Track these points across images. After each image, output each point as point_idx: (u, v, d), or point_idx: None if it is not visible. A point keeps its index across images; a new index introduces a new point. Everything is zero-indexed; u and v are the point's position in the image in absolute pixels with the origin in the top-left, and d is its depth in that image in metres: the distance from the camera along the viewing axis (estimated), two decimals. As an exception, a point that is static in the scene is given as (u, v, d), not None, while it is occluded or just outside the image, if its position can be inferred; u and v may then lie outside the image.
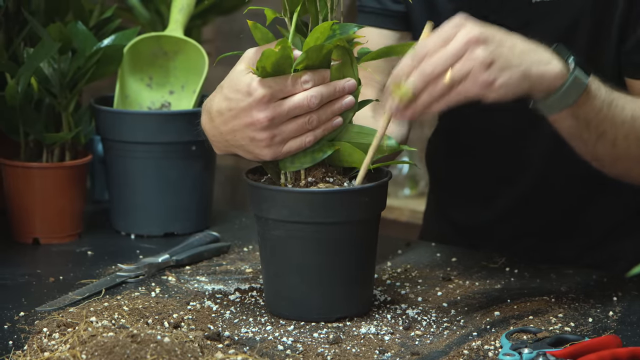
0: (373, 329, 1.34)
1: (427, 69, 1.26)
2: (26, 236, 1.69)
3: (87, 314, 1.34)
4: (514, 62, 1.27)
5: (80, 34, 1.67)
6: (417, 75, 1.26)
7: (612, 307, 1.43)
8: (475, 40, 1.25)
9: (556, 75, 1.30)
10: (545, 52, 1.31)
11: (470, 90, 1.26)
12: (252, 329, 1.34)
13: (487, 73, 1.25)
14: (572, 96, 1.32)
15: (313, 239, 1.34)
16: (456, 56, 1.25)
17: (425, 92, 1.26)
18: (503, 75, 1.26)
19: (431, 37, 1.27)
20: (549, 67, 1.30)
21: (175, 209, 1.73)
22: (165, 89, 1.80)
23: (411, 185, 2.86)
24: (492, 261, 1.60)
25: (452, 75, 1.25)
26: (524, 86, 1.29)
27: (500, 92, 1.27)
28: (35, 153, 1.70)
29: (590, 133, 1.37)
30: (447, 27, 1.27)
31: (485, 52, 1.25)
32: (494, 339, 1.31)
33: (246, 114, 1.32)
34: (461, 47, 1.25)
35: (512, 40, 1.29)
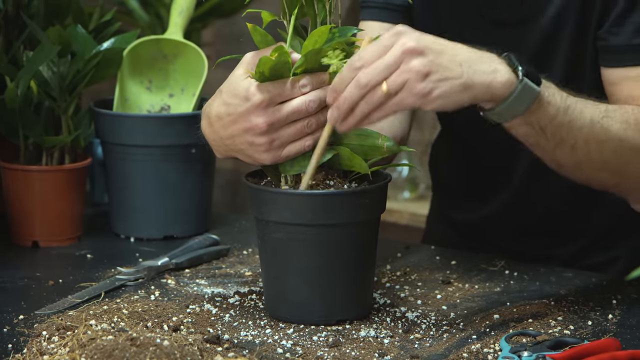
0: (372, 332, 1.34)
1: (362, 80, 1.25)
2: (25, 239, 1.69)
3: (87, 317, 1.34)
4: (454, 73, 1.25)
5: (80, 37, 1.67)
6: (353, 86, 1.26)
7: (611, 310, 1.43)
8: (411, 51, 1.24)
9: (503, 85, 1.28)
10: (492, 61, 1.29)
11: (406, 100, 1.25)
12: (252, 332, 1.34)
13: (423, 84, 1.24)
14: (521, 105, 1.30)
15: (313, 242, 1.34)
16: (392, 67, 1.24)
17: (363, 101, 1.26)
18: (440, 86, 1.25)
19: (368, 47, 1.27)
20: (495, 76, 1.27)
21: (174, 212, 1.73)
22: (165, 92, 1.80)
23: (411, 188, 2.86)
24: (491, 264, 1.60)
25: (388, 85, 1.24)
26: (466, 96, 1.27)
27: (438, 102, 1.25)
28: (34, 156, 1.70)
29: (548, 140, 1.35)
30: (385, 37, 1.26)
31: (421, 63, 1.24)
32: (493, 342, 1.31)
33: (244, 118, 1.32)
34: (397, 57, 1.24)
35: (453, 50, 1.27)
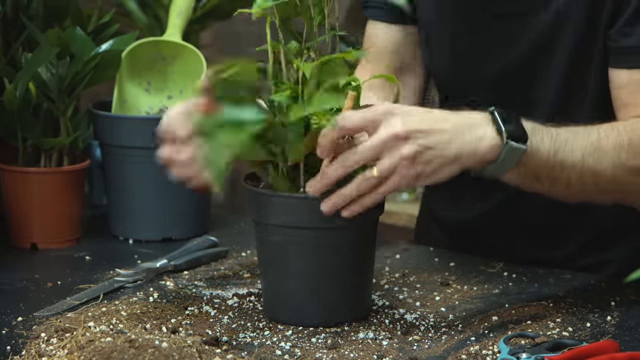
0: (371, 334, 1.34)
1: (349, 162, 1.26)
2: (24, 241, 1.69)
3: (85, 319, 1.34)
4: (442, 151, 1.27)
5: (79, 39, 1.67)
6: (339, 167, 1.27)
7: (610, 312, 1.43)
8: (399, 136, 1.25)
9: (490, 148, 1.29)
10: (479, 127, 1.30)
11: (399, 183, 1.27)
12: (250, 334, 1.34)
13: (412, 168, 1.26)
14: (510, 163, 1.31)
15: (311, 244, 1.34)
16: (378, 151, 1.25)
17: (354, 187, 1.27)
18: (430, 166, 1.27)
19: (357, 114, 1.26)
20: (482, 142, 1.29)
21: (173, 213, 1.73)
22: (164, 94, 1.80)
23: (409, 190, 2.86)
24: (490, 266, 1.60)
25: (379, 170, 1.26)
26: (455, 167, 1.29)
27: (430, 179, 1.28)
28: (33, 158, 1.70)
29: (542, 183, 1.36)
30: (370, 113, 1.26)
31: (410, 148, 1.25)
32: (492, 344, 1.31)
33: None
34: (384, 143, 1.25)
35: (441, 125, 1.28)
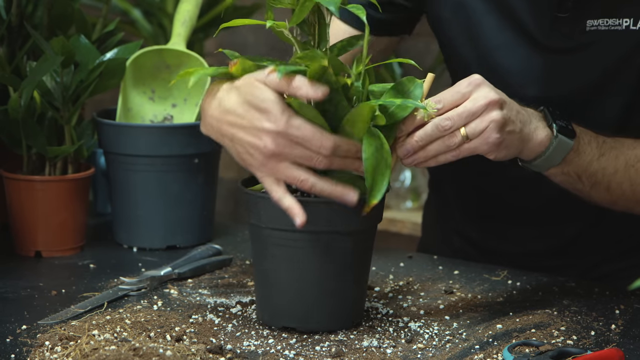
0: (375, 342, 1.34)
1: (445, 124, 1.32)
2: (28, 249, 1.69)
3: (89, 327, 1.34)
4: (517, 127, 1.35)
5: (83, 48, 1.67)
6: (433, 127, 1.32)
7: (614, 320, 1.43)
8: (494, 102, 1.32)
9: (541, 141, 1.38)
10: (535, 118, 1.39)
11: (480, 147, 1.33)
12: (254, 342, 1.34)
13: (499, 134, 1.33)
14: (556, 158, 1.40)
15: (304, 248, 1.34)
16: (474, 115, 1.32)
17: (440, 142, 1.32)
18: (509, 137, 1.34)
19: (448, 92, 1.33)
20: (537, 132, 1.38)
21: (177, 222, 1.73)
22: (168, 102, 1.81)
23: (413, 198, 2.86)
24: (494, 274, 1.60)
25: (467, 131, 1.32)
26: (518, 150, 1.38)
27: (502, 152, 1.35)
28: (37, 166, 1.70)
29: (583, 184, 1.45)
30: (464, 84, 1.33)
31: (500, 115, 1.33)
32: (496, 352, 1.31)
33: (256, 134, 1.30)
34: (480, 107, 1.32)
35: (517, 106, 1.37)
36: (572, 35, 1.50)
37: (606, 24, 1.49)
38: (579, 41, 1.50)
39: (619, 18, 1.49)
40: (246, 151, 1.33)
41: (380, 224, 1.41)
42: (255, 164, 1.32)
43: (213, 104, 1.36)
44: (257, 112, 1.31)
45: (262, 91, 1.31)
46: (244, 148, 1.33)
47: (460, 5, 1.55)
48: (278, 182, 1.32)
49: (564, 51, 1.51)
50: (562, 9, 1.50)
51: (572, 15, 1.49)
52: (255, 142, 1.31)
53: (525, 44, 1.53)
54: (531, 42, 1.52)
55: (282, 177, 1.32)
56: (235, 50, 1.39)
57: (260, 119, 1.31)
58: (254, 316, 1.42)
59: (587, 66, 1.51)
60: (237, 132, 1.33)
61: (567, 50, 1.51)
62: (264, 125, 1.30)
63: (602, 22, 1.49)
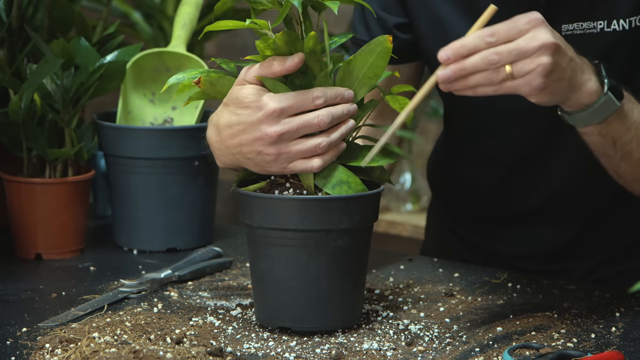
0: (375, 344, 1.34)
1: (494, 57, 1.26)
2: (29, 252, 1.69)
3: (90, 330, 1.34)
4: (567, 76, 1.30)
5: (83, 50, 1.68)
6: (481, 59, 1.27)
7: (614, 323, 1.42)
8: (548, 46, 1.27)
9: (590, 94, 1.33)
10: (588, 70, 1.34)
11: (522, 88, 1.28)
12: (255, 344, 1.34)
13: (543, 79, 1.27)
14: (600, 115, 1.35)
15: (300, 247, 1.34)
16: (525, 55, 1.26)
17: (483, 74, 1.27)
18: (554, 85, 1.29)
19: (504, 25, 1.28)
20: (587, 84, 1.33)
21: (177, 224, 1.73)
22: (168, 105, 1.81)
23: (413, 201, 2.86)
24: (494, 277, 1.60)
25: (514, 69, 1.27)
26: (564, 98, 1.32)
27: (545, 97, 1.30)
28: (38, 169, 1.70)
29: (616, 151, 1.40)
30: (522, 21, 1.27)
31: (550, 61, 1.27)
32: (496, 355, 1.31)
33: (255, 128, 1.32)
34: (534, 47, 1.26)
35: (571, 53, 1.31)
36: None
37: (581, 28, 1.49)
38: None
39: (593, 21, 1.49)
40: (256, 152, 1.33)
41: (380, 227, 1.41)
42: (270, 159, 1.33)
43: (213, 133, 1.39)
44: (245, 110, 1.33)
45: (241, 90, 1.33)
46: (254, 150, 1.33)
47: (437, 20, 1.55)
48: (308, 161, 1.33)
49: None
50: None
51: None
52: (258, 136, 1.32)
53: None
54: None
55: (301, 154, 1.32)
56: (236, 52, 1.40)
57: (251, 113, 1.32)
58: (254, 319, 1.42)
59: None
60: (240, 137, 1.34)
61: None
62: (256, 117, 1.32)
63: (577, 26, 1.49)
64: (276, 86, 1.33)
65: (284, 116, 1.32)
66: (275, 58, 1.32)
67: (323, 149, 1.33)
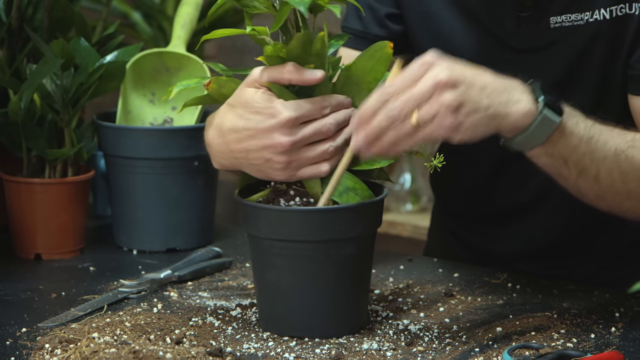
0: (375, 344, 1.34)
1: (393, 112, 1.25)
2: (28, 252, 1.69)
3: (89, 330, 1.34)
4: (482, 105, 1.25)
5: (83, 50, 1.68)
6: (383, 116, 1.25)
7: (614, 323, 1.42)
8: (444, 84, 1.23)
9: (524, 115, 1.28)
10: (516, 91, 1.28)
11: (436, 132, 1.25)
12: (254, 344, 1.34)
13: (453, 117, 1.24)
14: (541, 135, 1.29)
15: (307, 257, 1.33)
16: (423, 98, 1.24)
17: (392, 131, 1.25)
18: (470, 118, 1.25)
19: (399, 77, 1.26)
20: (517, 106, 1.27)
21: (177, 224, 1.73)
22: (168, 105, 1.81)
23: (413, 201, 2.86)
24: (494, 277, 1.60)
25: (419, 118, 1.24)
26: (491, 127, 1.27)
27: (466, 134, 1.25)
28: (37, 169, 1.70)
29: (570, 170, 1.34)
30: (415, 66, 1.26)
31: (453, 96, 1.23)
32: (496, 355, 1.31)
33: (266, 135, 1.31)
34: (428, 89, 1.24)
35: (483, 80, 1.27)
36: (537, 34, 1.50)
37: (569, 20, 1.48)
38: (545, 39, 1.50)
39: (581, 12, 1.48)
40: (264, 159, 1.32)
41: (380, 227, 1.41)
42: (279, 167, 1.32)
43: (214, 134, 1.37)
44: (257, 115, 1.31)
45: (251, 94, 1.32)
46: (262, 157, 1.32)
47: (426, 14, 1.55)
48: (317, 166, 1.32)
49: (531, 50, 1.51)
50: (523, 8, 1.48)
51: (534, 14, 1.49)
52: (269, 143, 1.31)
53: (492, 46, 1.52)
54: (499, 43, 1.52)
55: (310, 161, 1.32)
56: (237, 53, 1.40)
57: (262, 120, 1.31)
58: (254, 319, 1.42)
59: (554, 64, 1.51)
60: (249, 143, 1.33)
61: (534, 49, 1.51)
62: (269, 124, 1.31)
63: (566, 18, 1.48)
64: (283, 93, 1.32)
65: (297, 125, 1.31)
66: (289, 65, 1.31)
67: (331, 154, 1.33)
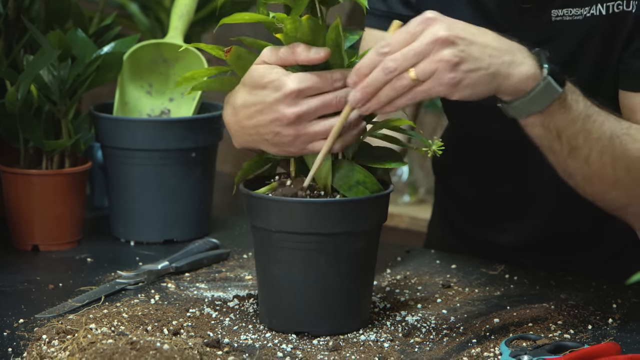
0: (373, 336, 1.34)
1: (390, 65, 1.24)
2: (25, 243, 1.69)
3: (87, 321, 1.34)
4: (483, 63, 1.25)
5: (80, 41, 1.67)
6: (379, 70, 1.24)
7: (611, 314, 1.43)
8: (442, 40, 1.23)
9: (527, 78, 1.27)
10: (521, 54, 1.28)
11: (434, 89, 1.24)
12: (252, 335, 1.34)
13: (453, 73, 1.23)
14: (541, 103, 1.28)
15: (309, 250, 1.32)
16: (421, 55, 1.23)
17: (388, 87, 1.24)
18: (470, 76, 1.24)
19: (397, 33, 1.26)
20: (520, 69, 1.27)
21: (174, 215, 1.73)
22: (165, 96, 1.80)
23: (411, 192, 2.86)
24: (491, 268, 1.60)
25: (417, 73, 1.23)
26: (492, 87, 1.26)
27: (465, 92, 1.24)
28: (34, 160, 1.70)
29: (562, 145, 1.33)
30: (413, 24, 1.25)
31: (452, 52, 1.23)
32: (493, 346, 1.31)
33: (272, 108, 1.30)
34: (427, 45, 1.23)
35: (483, 38, 1.26)
36: (539, 27, 1.50)
37: (570, 14, 1.48)
38: (547, 32, 1.50)
39: (581, 7, 1.47)
40: (274, 134, 1.31)
41: (381, 220, 1.40)
42: (288, 140, 1.31)
43: (229, 113, 1.37)
44: (263, 90, 1.31)
45: (258, 70, 1.32)
46: (271, 131, 1.31)
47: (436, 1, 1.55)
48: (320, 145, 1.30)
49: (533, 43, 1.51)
50: (525, 0, 1.49)
51: (536, 6, 1.48)
52: (275, 117, 1.30)
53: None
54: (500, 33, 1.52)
55: (320, 135, 1.30)
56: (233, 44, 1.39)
57: (268, 94, 1.31)
58: (251, 310, 1.42)
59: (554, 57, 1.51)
60: (257, 119, 1.32)
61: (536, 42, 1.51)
62: (274, 97, 1.30)
63: (567, 12, 1.48)
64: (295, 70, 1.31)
65: (302, 97, 1.30)
66: (299, 45, 1.30)
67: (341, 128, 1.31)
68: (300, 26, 1.29)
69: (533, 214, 1.64)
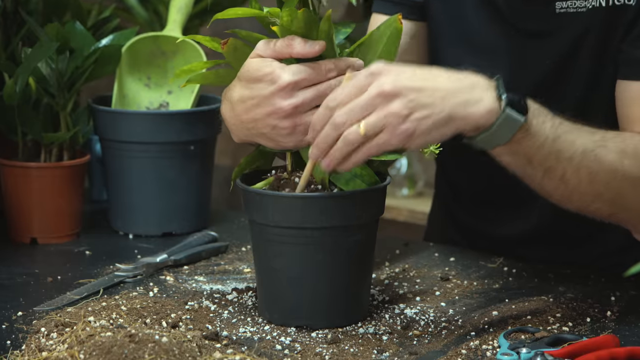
0: (371, 328, 1.34)
1: (338, 120, 1.24)
2: (24, 236, 1.69)
3: (85, 314, 1.34)
4: (435, 109, 1.23)
5: (78, 34, 1.67)
6: (329, 126, 1.24)
7: (610, 306, 1.43)
8: (387, 94, 1.22)
9: (486, 113, 1.24)
10: (478, 89, 1.25)
11: (389, 142, 1.22)
12: (250, 328, 1.34)
13: (405, 125, 1.22)
14: (504, 135, 1.26)
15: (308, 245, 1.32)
16: (367, 108, 1.22)
17: (340, 141, 1.24)
18: (423, 123, 1.22)
19: (344, 87, 1.25)
20: (478, 106, 1.24)
21: (173, 208, 1.73)
22: (164, 89, 1.80)
23: (409, 185, 2.86)
24: (490, 261, 1.60)
25: (366, 127, 1.22)
26: (448, 129, 1.24)
27: (421, 139, 1.23)
28: (33, 153, 1.69)
29: (535, 169, 1.31)
30: (361, 77, 1.24)
31: (401, 104, 1.22)
32: (492, 339, 1.31)
33: (268, 101, 1.30)
34: (372, 99, 1.22)
35: (433, 83, 1.24)
36: (543, 18, 1.50)
37: (574, 6, 1.48)
38: (551, 24, 1.50)
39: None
40: (271, 127, 1.31)
41: (378, 213, 1.40)
42: (286, 133, 1.31)
43: (227, 108, 1.37)
44: (258, 83, 1.31)
45: (253, 63, 1.32)
46: (268, 124, 1.31)
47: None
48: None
49: (536, 34, 1.51)
50: None
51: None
52: (272, 109, 1.31)
53: (499, 25, 1.52)
54: (506, 23, 1.52)
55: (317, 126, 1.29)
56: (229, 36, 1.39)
57: (264, 87, 1.31)
58: (250, 303, 1.42)
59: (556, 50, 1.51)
60: (254, 112, 1.32)
61: (539, 33, 1.50)
62: (270, 90, 1.30)
63: (571, 4, 1.48)
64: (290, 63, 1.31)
65: (298, 89, 1.30)
66: (295, 38, 1.30)
67: None
68: (295, 19, 1.29)
69: (533, 205, 1.64)
